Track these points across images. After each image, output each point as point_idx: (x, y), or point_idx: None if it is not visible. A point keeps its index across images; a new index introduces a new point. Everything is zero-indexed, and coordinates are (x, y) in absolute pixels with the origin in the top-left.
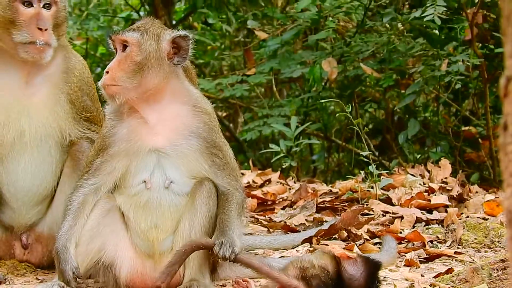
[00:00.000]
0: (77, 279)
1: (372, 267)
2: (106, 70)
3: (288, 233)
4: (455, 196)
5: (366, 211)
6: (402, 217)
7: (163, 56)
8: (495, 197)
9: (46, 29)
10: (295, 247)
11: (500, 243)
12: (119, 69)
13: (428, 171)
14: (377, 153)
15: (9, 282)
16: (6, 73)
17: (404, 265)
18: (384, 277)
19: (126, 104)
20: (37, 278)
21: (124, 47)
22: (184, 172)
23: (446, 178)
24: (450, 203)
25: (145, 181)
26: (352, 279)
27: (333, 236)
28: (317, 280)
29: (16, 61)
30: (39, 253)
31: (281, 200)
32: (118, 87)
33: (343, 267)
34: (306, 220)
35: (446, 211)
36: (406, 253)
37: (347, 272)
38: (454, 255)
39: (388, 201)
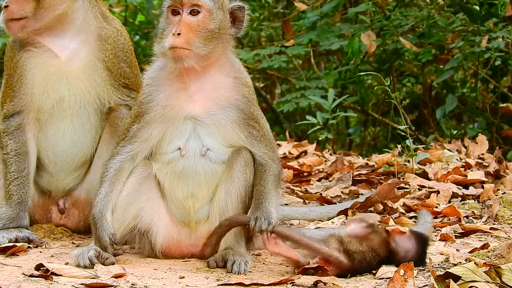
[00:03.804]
0: (114, 245)
1: (422, 240)
2: (176, 31)
3: (323, 205)
4: (491, 172)
5: (402, 185)
6: (438, 192)
7: (227, 26)
8: None
9: (6, 6)
10: (331, 218)
11: None
12: (193, 33)
13: (465, 147)
14: (413, 128)
15: (45, 246)
16: (44, 41)
17: (439, 240)
18: None
19: (183, 69)
20: (73, 243)
21: (194, 11)
22: (220, 140)
23: (483, 154)
24: (486, 179)
25: (179, 148)
26: (407, 252)
27: (369, 209)
28: (360, 256)
29: (43, 29)
30: (76, 218)
31: (317, 171)
32: (190, 52)
33: (395, 242)
34: (342, 192)
35: (483, 187)
36: (441, 227)
37: (399, 246)
38: (490, 231)
39: (424, 175)
